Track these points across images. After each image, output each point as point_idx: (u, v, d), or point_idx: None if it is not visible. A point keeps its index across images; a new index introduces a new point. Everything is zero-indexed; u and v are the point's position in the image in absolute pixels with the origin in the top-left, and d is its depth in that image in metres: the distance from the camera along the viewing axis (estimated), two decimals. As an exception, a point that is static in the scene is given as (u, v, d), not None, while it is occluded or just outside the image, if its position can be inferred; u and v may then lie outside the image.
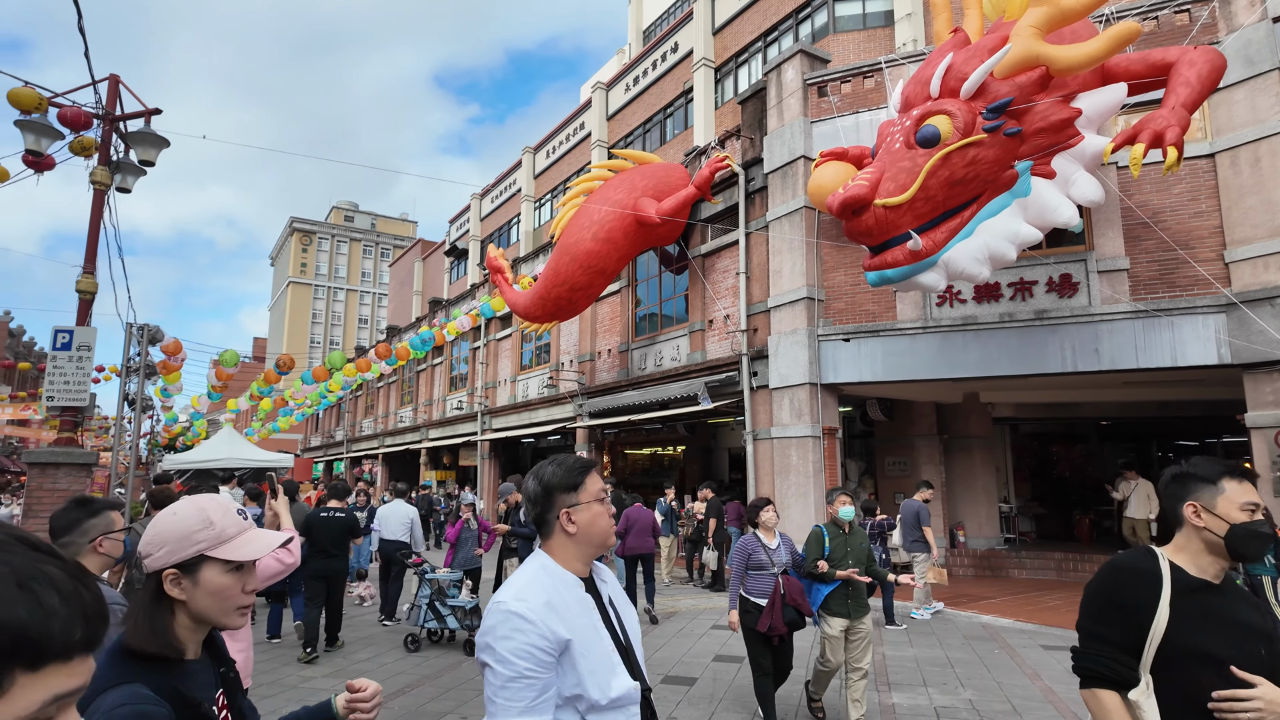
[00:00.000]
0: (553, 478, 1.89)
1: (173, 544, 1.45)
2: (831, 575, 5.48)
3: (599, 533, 1.89)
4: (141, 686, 1.34)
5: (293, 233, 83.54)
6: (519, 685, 1.62)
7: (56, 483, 7.26)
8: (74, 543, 2.49)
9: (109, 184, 7.81)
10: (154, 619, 1.43)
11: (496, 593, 1.77)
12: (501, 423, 22.15)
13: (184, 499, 1.54)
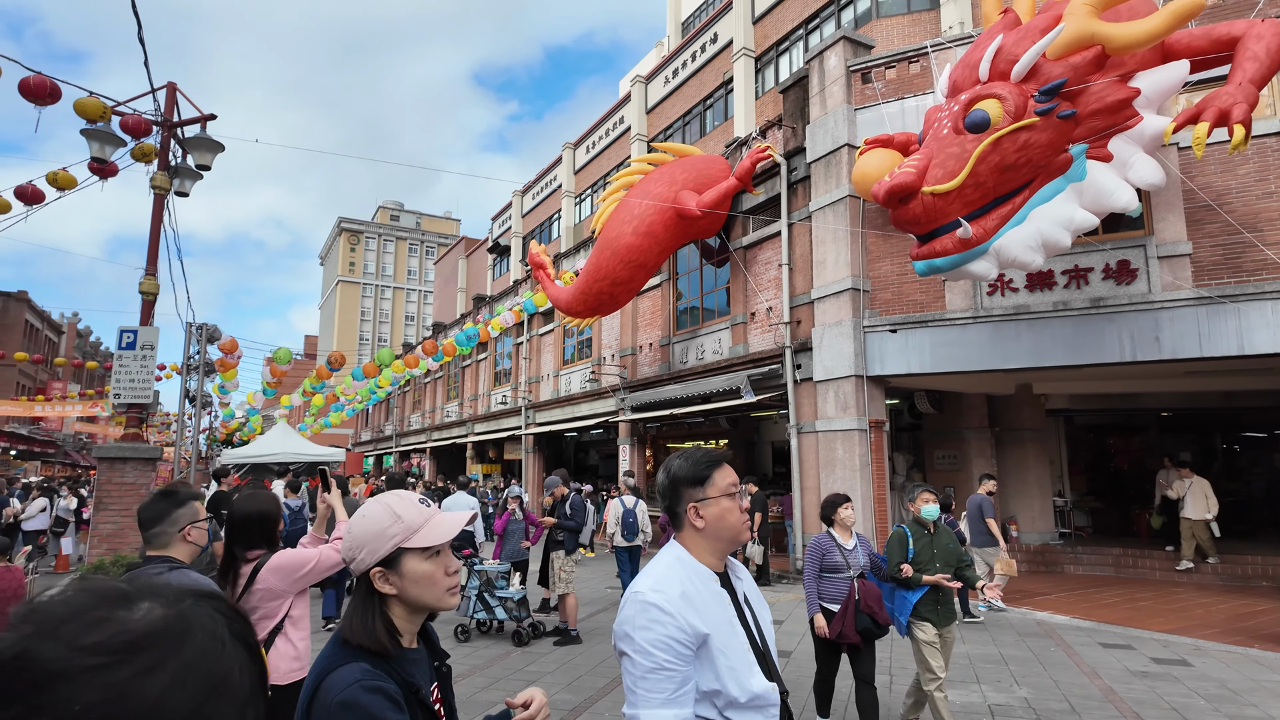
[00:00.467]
0: (679, 471, 1.88)
1: (370, 544, 1.52)
2: (917, 580, 5.01)
3: (728, 528, 1.85)
4: (368, 664, 1.42)
5: (341, 232, 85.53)
6: (658, 677, 1.62)
7: (124, 476, 7.59)
8: (164, 532, 2.58)
9: (168, 188, 8.10)
10: (366, 617, 1.50)
11: (634, 582, 1.77)
12: (545, 417, 22.36)
13: (374, 499, 1.60)
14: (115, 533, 7.45)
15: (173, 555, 2.56)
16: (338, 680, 1.39)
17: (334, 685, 1.38)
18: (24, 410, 27.29)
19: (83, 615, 0.58)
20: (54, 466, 32.22)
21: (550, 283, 16.28)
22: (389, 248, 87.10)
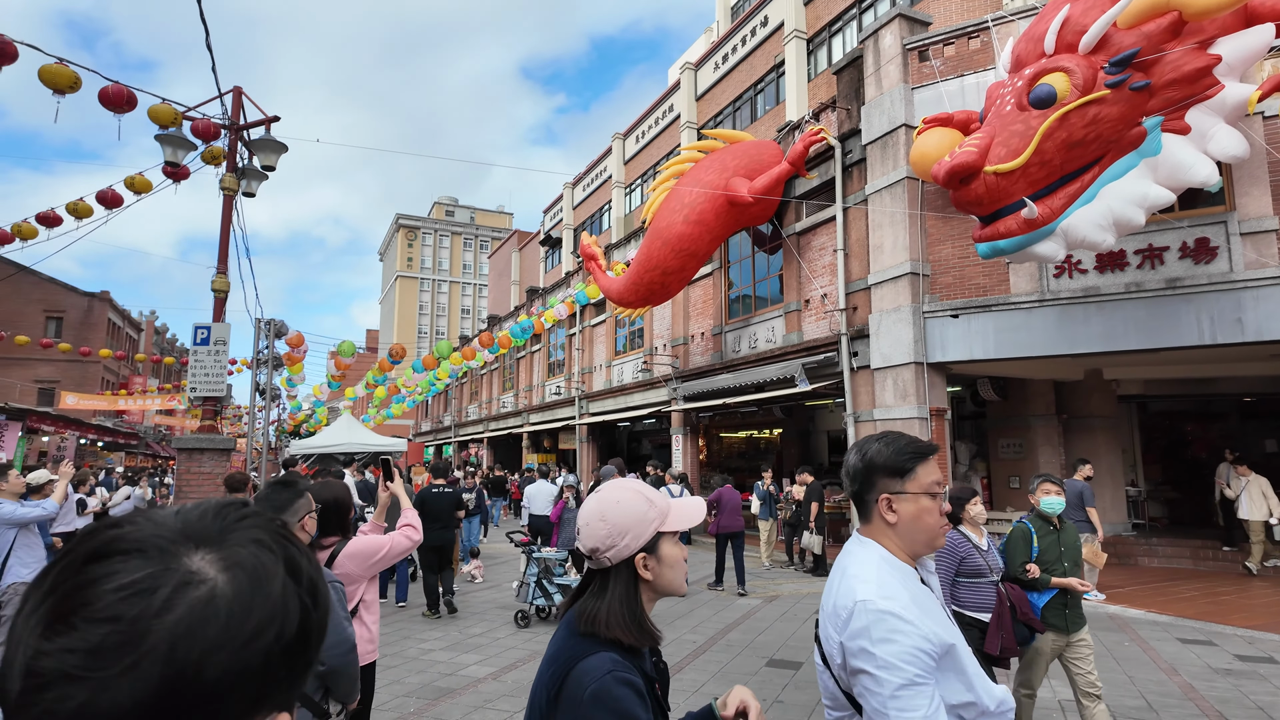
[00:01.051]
0: (878, 456, 1.71)
1: (635, 529, 1.50)
2: (1045, 582, 4.53)
3: (924, 530, 1.67)
4: (616, 654, 1.39)
5: (399, 229, 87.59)
6: (911, 693, 1.45)
7: (201, 466, 7.96)
8: (286, 522, 2.67)
9: (236, 189, 8.43)
10: (633, 607, 1.47)
11: (852, 588, 1.60)
12: (598, 407, 22.54)
13: (612, 487, 1.58)
14: (194, 519, 7.83)
15: None
16: (590, 670, 1.34)
17: (586, 675, 1.33)
18: (109, 404, 28.89)
19: None
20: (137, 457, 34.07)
21: (602, 273, 16.35)
22: (445, 243, 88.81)
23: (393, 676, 6.30)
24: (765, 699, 5.78)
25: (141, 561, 0.52)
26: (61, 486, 6.22)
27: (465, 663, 6.78)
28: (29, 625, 0.49)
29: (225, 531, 0.57)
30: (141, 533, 0.54)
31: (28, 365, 32.35)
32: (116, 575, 0.50)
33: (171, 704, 0.47)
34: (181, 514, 0.59)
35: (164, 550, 0.53)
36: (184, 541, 0.55)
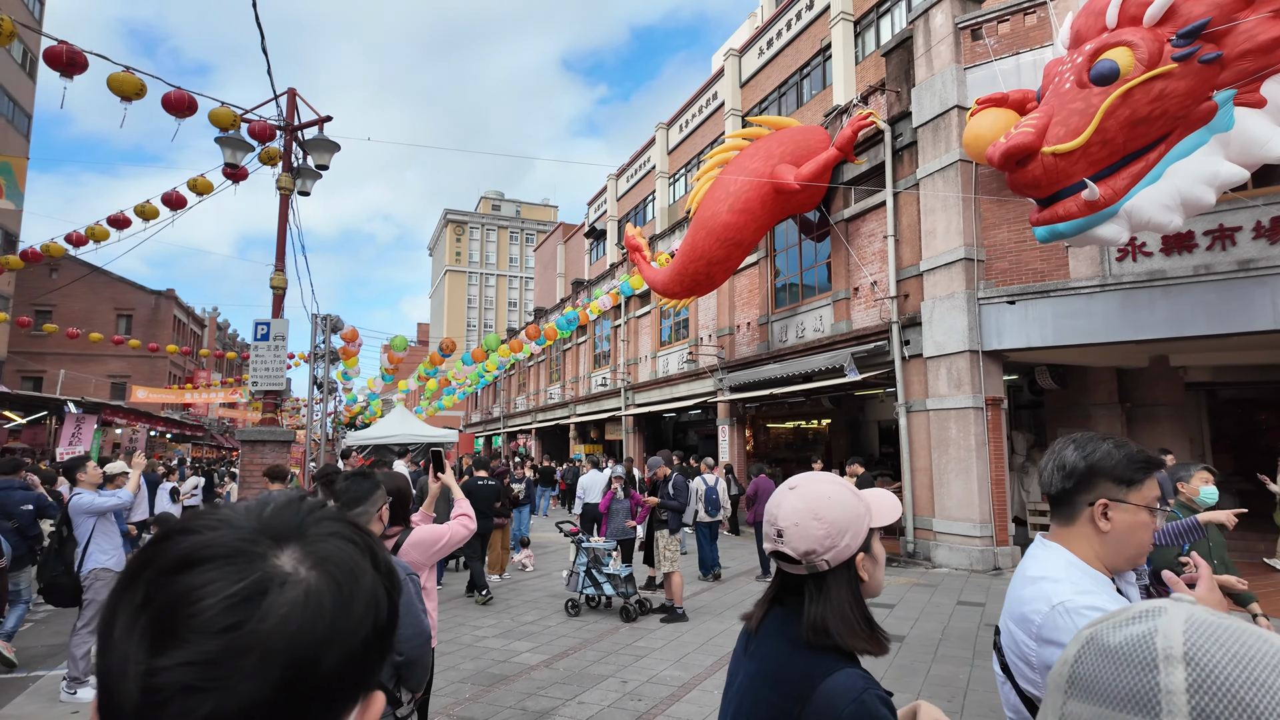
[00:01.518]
0: (1105, 460, 1.60)
1: (853, 527, 1.39)
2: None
3: (1135, 545, 1.57)
4: (858, 669, 1.29)
5: (447, 224, 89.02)
6: None
7: (263, 457, 8.25)
8: (366, 512, 2.72)
9: (292, 189, 8.68)
10: (865, 612, 1.36)
11: (1045, 592, 1.50)
12: (644, 398, 22.58)
13: (815, 481, 1.46)
14: (258, 508, 8.14)
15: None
16: (842, 690, 1.21)
17: (839, 696, 1.20)
18: (176, 397, 30.15)
19: None
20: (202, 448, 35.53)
21: (646, 265, 16.35)
22: (491, 237, 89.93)
23: (448, 663, 6.46)
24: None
25: (234, 568, 0.51)
26: (135, 477, 6.51)
27: (518, 650, 6.90)
28: (132, 639, 0.49)
29: (304, 527, 0.57)
30: (225, 536, 0.53)
31: (101, 361, 33.94)
32: (215, 584, 0.50)
33: (293, 698, 0.49)
34: (252, 511, 0.58)
35: (252, 553, 0.53)
36: (267, 540, 0.54)
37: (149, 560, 0.52)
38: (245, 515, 0.57)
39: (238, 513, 0.58)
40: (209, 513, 0.57)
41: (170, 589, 0.50)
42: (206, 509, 0.58)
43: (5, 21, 5.86)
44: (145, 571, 0.52)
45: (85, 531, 5.92)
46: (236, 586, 0.50)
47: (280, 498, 0.62)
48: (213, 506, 0.60)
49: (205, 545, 0.52)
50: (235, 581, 0.50)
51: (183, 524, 0.55)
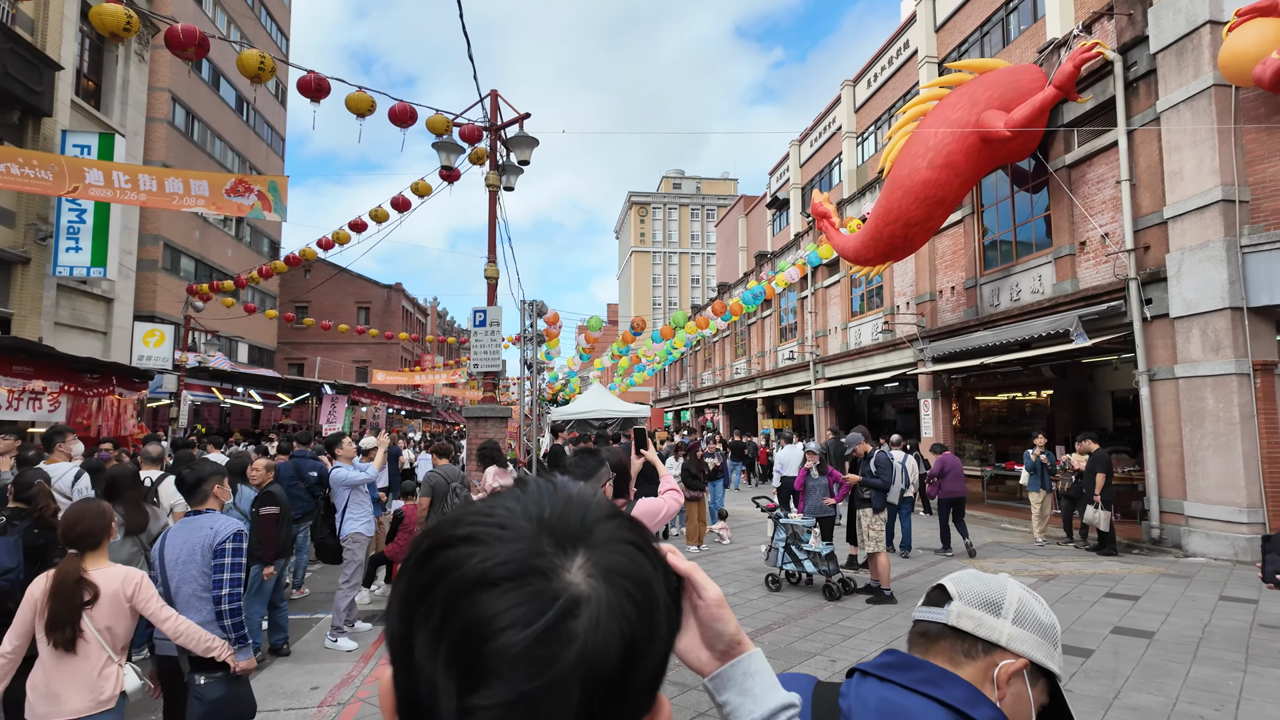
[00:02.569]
0: None
1: None
2: None
3: None
4: None
5: (631, 206, 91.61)
6: None
7: (485, 432, 9.07)
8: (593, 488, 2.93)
9: (499, 185, 9.36)
10: None
11: None
12: (835, 371, 21.86)
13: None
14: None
15: None
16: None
17: None
18: (407, 379, 34.01)
19: None
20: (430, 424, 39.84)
21: (835, 232, 15.71)
22: (673, 215, 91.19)
23: (656, 628, 6.74)
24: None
25: (532, 589, 0.48)
26: (381, 453, 7.42)
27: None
28: (437, 667, 0.48)
29: (589, 530, 0.54)
30: (514, 549, 0.50)
31: (347, 348, 39.15)
32: (517, 608, 0.47)
33: (605, 712, 0.49)
34: (531, 512, 0.54)
35: (545, 569, 0.50)
36: (554, 548, 0.51)
37: (439, 574, 0.50)
38: (525, 516, 0.54)
39: (516, 513, 0.54)
40: (486, 513, 0.54)
41: (469, 614, 0.48)
42: (481, 504, 0.55)
43: (267, 60, 6.86)
44: (437, 588, 0.49)
45: (342, 501, 6.83)
46: (542, 618, 0.47)
47: (554, 492, 0.57)
48: (488, 499, 0.57)
49: (497, 561, 0.49)
50: (537, 608, 0.48)
51: (465, 529, 0.52)
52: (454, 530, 0.52)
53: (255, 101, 30.64)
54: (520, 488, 0.59)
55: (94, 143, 14.17)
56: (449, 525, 0.53)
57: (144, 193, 9.35)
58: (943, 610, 1.13)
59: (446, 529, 0.53)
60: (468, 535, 0.51)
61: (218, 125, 27.42)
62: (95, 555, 3.08)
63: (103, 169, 9.66)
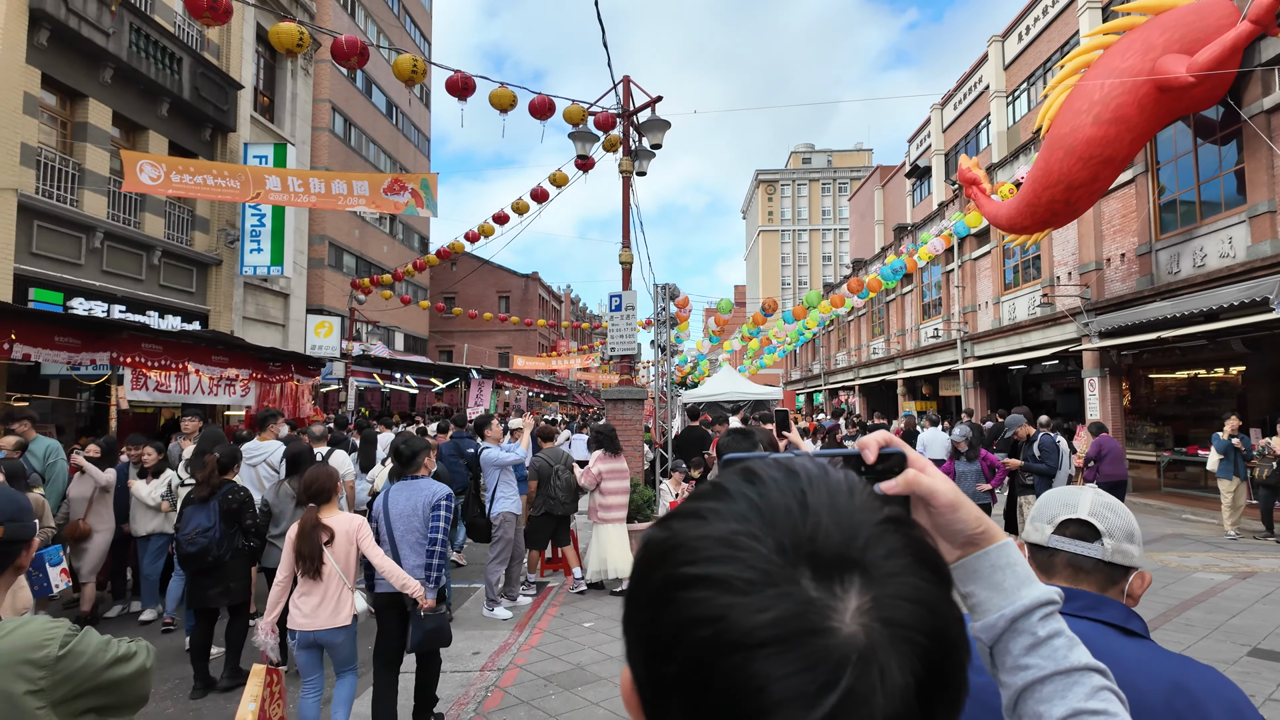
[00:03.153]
0: None
1: None
2: None
3: None
4: None
5: (758, 185, 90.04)
6: None
7: (623, 414, 9.29)
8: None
9: (632, 171, 9.48)
10: None
11: None
12: (985, 349, 20.51)
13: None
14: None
15: None
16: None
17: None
18: (544, 364, 35.47)
19: None
20: (566, 406, 41.35)
21: (986, 199, 14.67)
22: (803, 191, 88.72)
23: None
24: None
25: (804, 654, 0.38)
26: (525, 434, 7.78)
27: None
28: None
29: (864, 551, 0.42)
30: (772, 599, 0.39)
31: (491, 336, 41.30)
32: (789, 682, 0.37)
33: None
34: (774, 525, 0.42)
35: (819, 627, 0.39)
36: (823, 589, 0.40)
37: (685, 627, 0.40)
38: (771, 537, 0.42)
39: (759, 536, 0.42)
40: (722, 539, 0.42)
41: (731, 685, 0.38)
42: (712, 524, 0.43)
43: (420, 64, 7.32)
44: (684, 644, 0.40)
45: (492, 481, 7.20)
46: (827, 698, 0.37)
47: (800, 495, 0.44)
48: (711, 504, 0.45)
49: (758, 624, 0.38)
50: (818, 678, 0.37)
51: (702, 566, 0.41)
52: (689, 566, 0.42)
53: (409, 103, 32.80)
54: (749, 484, 0.45)
55: (270, 153, 15.72)
56: (678, 554, 0.43)
57: (314, 195, 10.28)
58: (1094, 546, 1.27)
59: (677, 561, 0.42)
60: (707, 577, 0.41)
61: (371, 130, 29.58)
62: (328, 507, 3.92)
63: (279, 175, 10.70)
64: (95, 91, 12.71)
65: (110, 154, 13.05)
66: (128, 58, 12.85)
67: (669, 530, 0.45)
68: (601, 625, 6.45)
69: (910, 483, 0.68)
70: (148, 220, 13.88)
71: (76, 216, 12.14)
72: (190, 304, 14.89)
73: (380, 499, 4.39)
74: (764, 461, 0.48)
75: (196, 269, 15.23)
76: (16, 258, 11.00)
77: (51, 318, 9.45)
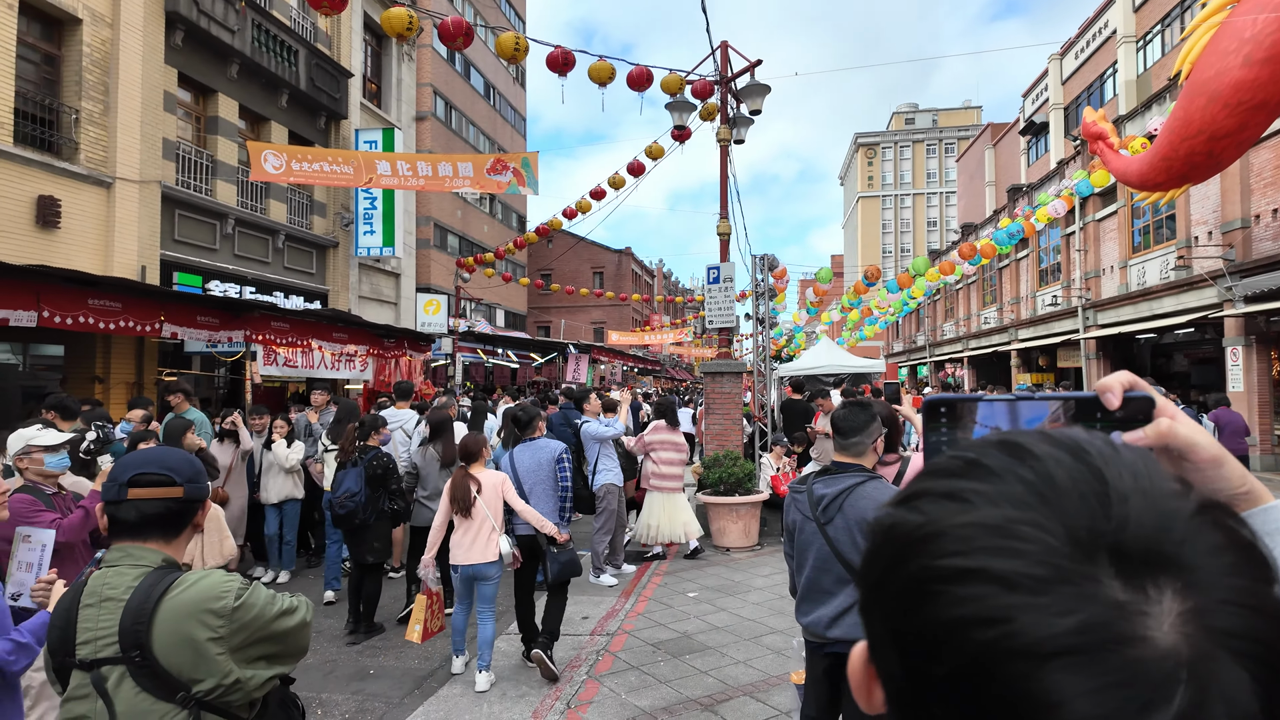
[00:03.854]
0: None
1: None
2: None
3: None
4: None
5: (857, 149, 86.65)
6: None
7: (722, 387, 9.24)
8: (861, 442, 2.75)
9: (730, 139, 9.31)
10: None
11: None
12: (1109, 317, 19.10)
13: None
14: (721, 431, 9.20)
15: (863, 465, 2.75)
16: None
17: None
18: (637, 339, 35.73)
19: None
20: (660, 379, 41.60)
21: (1113, 154, 13.46)
22: (905, 154, 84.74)
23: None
24: None
25: (1111, 666, 0.32)
26: (624, 408, 7.88)
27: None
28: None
29: (1179, 545, 0.35)
30: (1069, 600, 0.33)
31: (586, 311, 41.96)
32: (1092, 700, 0.31)
33: None
34: (1060, 508, 0.36)
35: (1128, 634, 0.32)
36: (1131, 589, 0.33)
37: (954, 627, 0.35)
38: (1067, 518, 0.36)
39: (1040, 511, 0.36)
40: (994, 526, 0.36)
41: (1018, 698, 0.32)
42: (979, 508, 0.37)
43: (522, 41, 7.43)
44: (954, 644, 0.35)
45: (593, 454, 7.36)
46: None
47: (1106, 462, 0.38)
48: (982, 481, 0.38)
49: (1055, 630, 0.32)
50: (1131, 698, 0.31)
51: (969, 558, 0.36)
52: (958, 558, 0.36)
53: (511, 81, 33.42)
54: (1019, 460, 0.39)
55: (379, 138, 16.43)
56: (940, 544, 0.37)
57: (422, 178, 10.69)
58: None
59: (941, 551, 0.37)
60: (984, 571, 0.35)
61: (471, 113, 30.36)
62: (476, 465, 4.80)
63: (389, 160, 11.17)
64: (223, 86, 13.63)
65: (238, 145, 14.00)
66: (251, 52, 13.69)
67: (921, 514, 0.39)
68: (705, 596, 6.52)
69: (1164, 434, 0.56)
70: (272, 206, 14.85)
71: (211, 205, 13.13)
72: (311, 284, 15.88)
73: (506, 459, 5.20)
74: (1026, 434, 0.41)
75: (316, 251, 16.19)
76: (162, 244, 12.04)
77: (193, 299, 10.31)
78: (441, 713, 4.36)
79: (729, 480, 8.31)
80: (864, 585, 0.42)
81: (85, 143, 10.79)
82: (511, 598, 5.18)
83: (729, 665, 4.93)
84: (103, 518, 1.72)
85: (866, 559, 0.43)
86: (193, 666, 1.55)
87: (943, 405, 0.60)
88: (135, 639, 1.54)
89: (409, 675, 5.05)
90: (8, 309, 7.24)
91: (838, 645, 2.77)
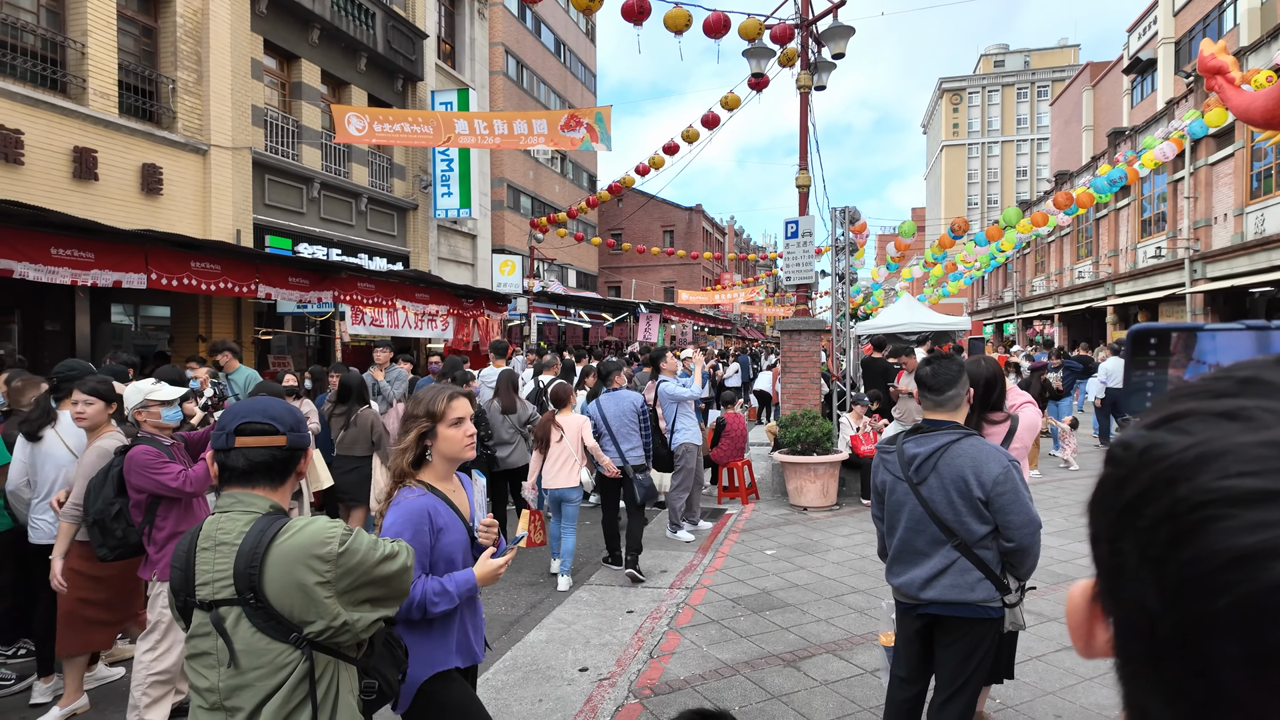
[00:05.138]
0: None
1: None
2: None
3: None
4: None
5: (942, 95, 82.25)
6: None
7: (800, 345, 9.06)
8: (957, 395, 2.69)
9: (810, 85, 8.94)
10: None
11: None
12: (1220, 269, 17.72)
13: None
14: (798, 390, 9.04)
15: (956, 420, 2.70)
16: None
17: None
18: (708, 298, 35.39)
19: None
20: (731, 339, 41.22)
21: (1234, 90, 12.27)
22: (994, 99, 79.86)
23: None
24: None
25: None
26: (697, 370, 7.80)
27: (1078, 552, 6.34)
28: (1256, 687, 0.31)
29: None
30: None
31: (656, 270, 41.76)
32: None
33: None
34: None
35: None
36: None
37: (1247, 558, 0.31)
38: None
39: None
40: (1276, 431, 0.33)
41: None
42: (1251, 411, 0.34)
43: (598, -7, 7.26)
44: (1242, 578, 0.31)
45: (670, 413, 7.35)
46: None
47: None
48: (1267, 398, 0.35)
49: None
50: None
51: (1269, 472, 0.32)
52: (1249, 478, 0.32)
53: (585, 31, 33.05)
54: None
55: (454, 99, 16.56)
56: (1221, 463, 0.33)
57: (499, 136, 10.73)
58: None
59: (1222, 471, 0.33)
60: (1268, 491, 0.31)
61: (542, 71, 30.22)
62: (565, 410, 5.97)
63: (466, 119, 11.26)
64: (306, 52, 13.95)
65: (321, 110, 14.37)
66: (331, 17, 13.93)
67: (1188, 435, 0.35)
68: (783, 554, 6.49)
69: None
70: (355, 170, 15.24)
71: (298, 169, 13.58)
72: (393, 246, 16.32)
73: (594, 407, 6.19)
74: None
75: (397, 213, 16.59)
76: (254, 208, 12.56)
77: (285, 261, 10.75)
78: (543, 636, 4.51)
79: (806, 439, 8.19)
80: (1105, 514, 0.39)
81: (182, 111, 11.27)
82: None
83: (810, 623, 4.90)
84: (213, 465, 1.80)
85: (1107, 485, 0.39)
86: (303, 609, 1.62)
87: (1153, 336, 0.52)
88: (249, 582, 1.61)
89: (521, 586, 6.11)
90: (121, 271, 7.72)
91: (932, 606, 2.71)
